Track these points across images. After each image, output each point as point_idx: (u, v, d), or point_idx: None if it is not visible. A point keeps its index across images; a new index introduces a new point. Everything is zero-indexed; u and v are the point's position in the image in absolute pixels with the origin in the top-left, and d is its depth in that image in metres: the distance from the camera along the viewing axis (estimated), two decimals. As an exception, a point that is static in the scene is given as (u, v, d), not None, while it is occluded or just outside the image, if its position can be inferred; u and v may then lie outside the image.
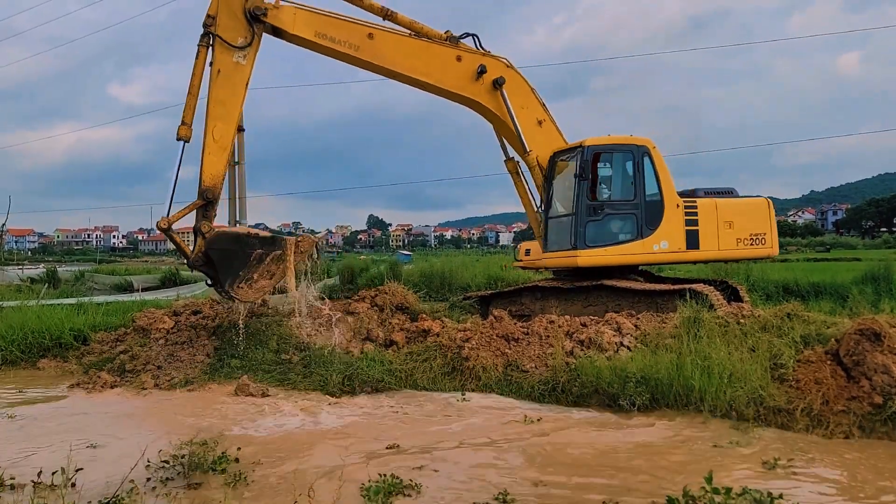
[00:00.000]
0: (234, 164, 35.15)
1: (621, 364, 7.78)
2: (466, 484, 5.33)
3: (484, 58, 11.56)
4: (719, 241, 11.44)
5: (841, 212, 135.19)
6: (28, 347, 11.80)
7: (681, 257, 11.53)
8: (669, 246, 11.13)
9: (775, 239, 11.78)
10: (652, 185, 11.27)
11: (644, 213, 11.18)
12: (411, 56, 11.11)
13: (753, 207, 11.79)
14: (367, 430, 7.05)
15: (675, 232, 11.18)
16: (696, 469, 5.42)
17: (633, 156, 11.33)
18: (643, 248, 11.11)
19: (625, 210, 11.31)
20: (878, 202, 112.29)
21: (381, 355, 9.60)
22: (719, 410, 6.90)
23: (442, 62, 11.29)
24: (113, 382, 9.72)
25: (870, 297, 12.03)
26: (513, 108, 11.51)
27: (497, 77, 11.41)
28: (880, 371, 6.80)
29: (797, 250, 57.83)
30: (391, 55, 11.01)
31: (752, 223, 11.61)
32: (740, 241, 11.51)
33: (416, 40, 11.19)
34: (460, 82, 11.36)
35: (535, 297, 11.84)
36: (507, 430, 6.91)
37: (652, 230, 11.14)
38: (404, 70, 11.11)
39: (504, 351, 9.08)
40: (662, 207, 11.19)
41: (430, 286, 16.62)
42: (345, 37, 10.75)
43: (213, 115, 10.01)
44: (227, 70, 10.12)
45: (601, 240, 11.16)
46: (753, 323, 8.40)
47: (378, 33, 10.95)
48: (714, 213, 11.48)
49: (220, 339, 10.56)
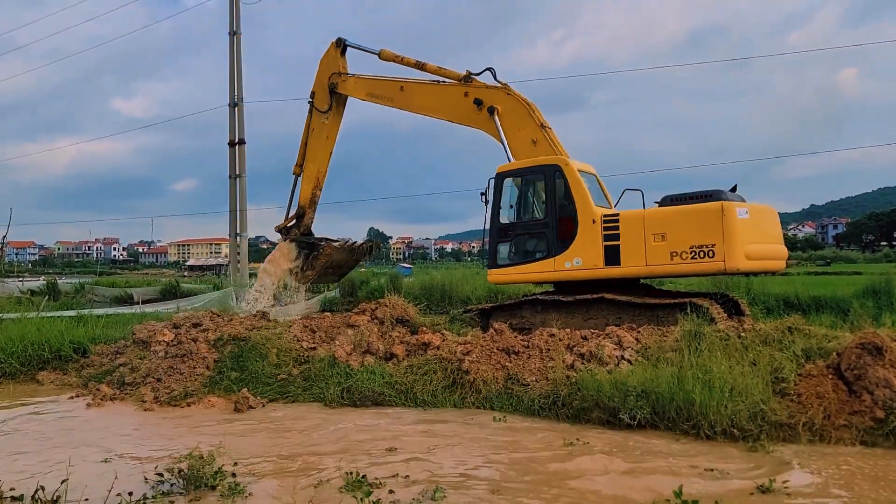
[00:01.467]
0: (235, 176, 35.04)
1: (622, 377, 7.75)
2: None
3: (484, 90, 12.85)
4: (647, 255, 10.46)
5: (841, 225, 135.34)
6: (27, 360, 11.78)
7: (597, 274, 10.94)
8: (583, 263, 10.97)
9: (733, 251, 9.83)
10: (565, 204, 11.29)
11: (555, 232, 11.29)
12: (429, 99, 13.75)
13: (698, 216, 10.18)
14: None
15: (590, 248, 10.92)
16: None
17: (545, 176, 11.59)
18: (555, 266, 11.22)
19: (535, 230, 11.67)
20: (879, 216, 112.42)
21: (381, 368, 9.58)
22: (720, 425, 6.86)
23: (453, 100, 13.27)
24: (112, 395, 9.69)
25: (871, 310, 11.99)
26: (506, 131, 12.46)
27: (489, 106, 12.61)
28: (882, 385, 6.78)
29: (798, 264, 57.80)
30: (416, 101, 13.97)
31: (694, 234, 10.09)
32: (676, 254, 10.22)
33: (433, 85, 13.74)
34: (465, 115, 13.10)
35: (535, 310, 11.82)
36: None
37: (564, 248, 11.15)
38: (423, 111, 13.98)
39: (504, 364, 9.05)
40: (576, 224, 11.11)
41: (431, 299, 16.63)
42: (385, 92, 14.32)
43: (308, 158, 15.52)
44: (317, 128, 15.39)
45: (512, 259, 11.86)
46: (754, 336, 8.38)
47: (406, 85, 14.10)
48: (640, 226, 10.58)
49: (220, 351, 10.54)
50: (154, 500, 5.23)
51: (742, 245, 9.89)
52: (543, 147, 12.07)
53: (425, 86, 13.87)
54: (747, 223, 10.07)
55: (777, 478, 5.52)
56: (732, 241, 9.81)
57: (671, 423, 7.15)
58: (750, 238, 10.07)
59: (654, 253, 10.42)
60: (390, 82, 14.32)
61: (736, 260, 9.84)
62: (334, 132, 15.40)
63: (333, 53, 15.10)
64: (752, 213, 10.22)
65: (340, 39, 15.06)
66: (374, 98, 14.47)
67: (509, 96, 12.56)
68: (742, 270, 10.15)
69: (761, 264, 10.60)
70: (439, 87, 13.60)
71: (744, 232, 9.95)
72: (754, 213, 10.32)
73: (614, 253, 10.70)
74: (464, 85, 13.13)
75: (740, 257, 9.87)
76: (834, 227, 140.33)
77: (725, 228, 9.84)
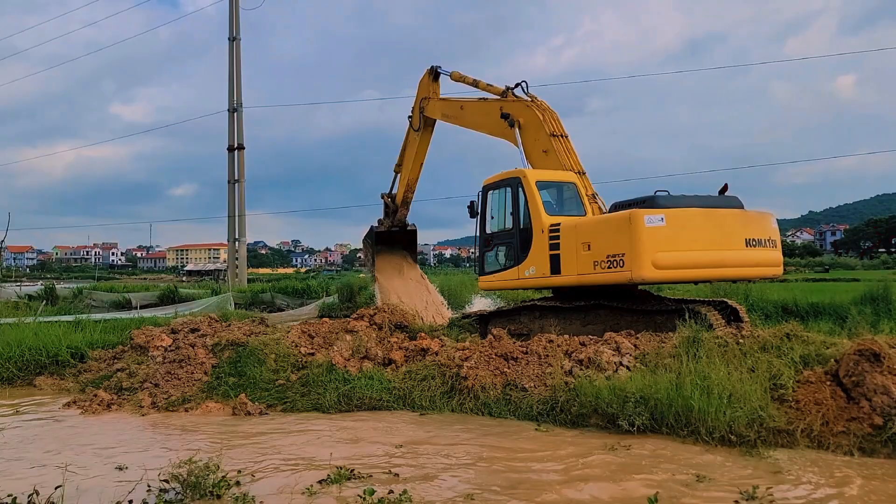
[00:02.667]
0: (234, 182, 35.19)
1: (620, 384, 7.75)
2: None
3: (513, 104, 13.43)
4: (578, 264, 10.42)
5: (839, 232, 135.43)
6: (25, 365, 11.75)
7: (545, 283, 11.21)
8: (536, 271, 11.19)
9: (640, 260, 9.51)
10: (525, 214, 11.51)
11: (518, 241, 11.60)
12: (477, 116, 14.56)
13: (612, 225, 10.06)
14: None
15: (540, 257, 11.12)
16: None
17: (511, 188, 11.85)
18: (517, 275, 11.56)
19: (505, 239, 12.07)
20: (877, 223, 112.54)
21: (379, 374, 9.57)
22: (718, 431, 6.86)
23: (492, 115, 13.85)
24: (110, 400, 9.67)
25: (869, 317, 12.00)
26: (525, 143, 12.94)
27: (511, 119, 13.12)
28: (880, 392, 6.78)
29: (796, 270, 57.84)
30: (469, 118, 14.92)
31: (610, 243, 9.93)
32: (597, 263, 10.10)
33: (480, 103, 14.52)
34: (500, 129, 13.66)
35: (533, 316, 11.82)
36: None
37: (524, 256, 11.43)
38: (477, 128, 14.64)
39: (503, 370, 9.04)
40: (531, 234, 11.33)
41: (429, 305, 16.60)
42: (451, 112, 15.50)
43: (404, 165, 17.36)
44: (411, 141, 16.96)
45: (492, 267, 12.42)
46: (753, 343, 8.38)
47: (465, 104, 15.11)
48: (574, 235, 10.56)
49: (218, 357, 10.53)
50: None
51: (650, 254, 9.50)
52: (553, 157, 12.31)
53: (476, 104, 14.73)
54: (662, 231, 9.59)
55: (761, 485, 5.51)
56: (638, 250, 9.51)
57: (670, 429, 7.15)
58: (664, 246, 9.58)
59: (582, 262, 10.36)
60: (454, 103, 15.51)
61: (642, 269, 9.52)
62: (424, 147, 16.87)
63: (426, 79, 16.32)
64: (675, 219, 9.70)
65: (434, 67, 16.23)
66: (447, 118, 15.64)
67: (528, 108, 12.97)
68: (649, 279, 9.73)
69: (684, 273, 10.17)
70: (483, 104, 14.37)
71: (654, 240, 9.53)
72: (680, 220, 9.76)
73: (556, 262, 10.88)
74: (501, 100, 13.74)
75: (647, 266, 9.52)
76: (832, 233, 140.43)
77: (632, 237, 9.58)
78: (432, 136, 16.99)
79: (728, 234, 10.08)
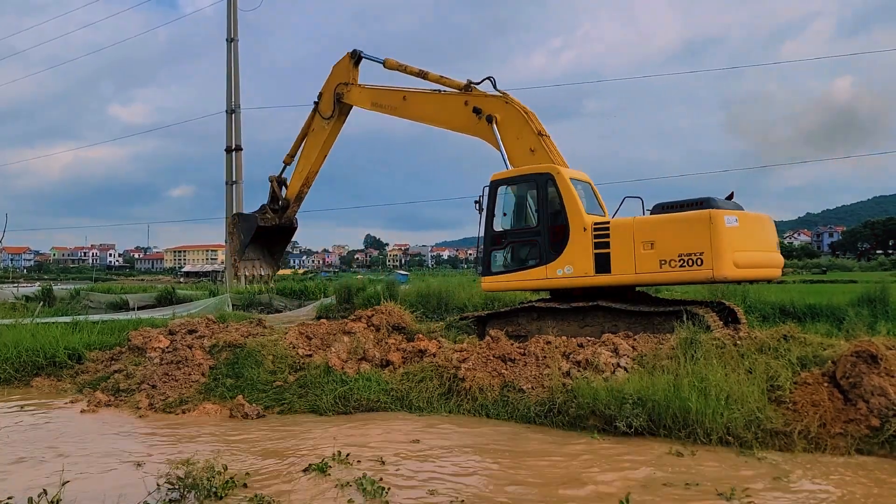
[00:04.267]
0: (232, 183, 35.13)
1: (618, 385, 7.75)
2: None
3: (484, 99, 12.90)
4: (636, 263, 10.43)
5: (837, 234, 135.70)
6: (22, 366, 11.73)
7: (587, 282, 10.92)
8: (574, 271, 10.97)
9: (722, 259, 9.78)
10: (557, 212, 11.32)
11: (547, 239, 11.32)
12: (430, 108, 13.89)
13: (687, 224, 10.14)
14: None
15: (581, 256, 10.92)
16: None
17: (537, 184, 11.58)
18: (546, 274, 11.23)
19: (527, 237, 11.67)
20: (874, 224, 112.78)
21: (377, 375, 9.56)
22: (716, 433, 6.86)
23: (453, 109, 13.36)
24: (107, 402, 9.66)
25: (866, 319, 12.02)
26: (505, 140, 12.52)
27: (488, 115, 12.66)
28: (877, 393, 6.79)
29: (793, 272, 57.88)
30: (417, 110, 14.12)
31: (684, 242, 10.06)
32: (665, 262, 10.19)
33: (435, 95, 13.81)
34: (467, 124, 13.10)
35: (531, 318, 11.82)
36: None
37: (556, 255, 11.16)
38: (425, 120, 14.11)
39: (501, 371, 9.04)
40: (567, 232, 11.13)
41: (427, 306, 16.63)
42: (388, 101, 14.46)
43: (303, 155, 16.10)
44: (316, 129, 15.82)
45: (505, 267, 11.90)
46: (750, 344, 8.39)
47: (409, 95, 14.22)
48: (629, 234, 10.57)
49: (216, 358, 10.51)
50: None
51: (730, 253, 9.82)
52: (540, 155, 12.06)
53: (427, 95, 13.98)
54: (736, 231, 9.99)
55: (737, 486, 5.51)
56: (720, 250, 9.77)
57: (667, 430, 7.15)
58: (739, 246, 9.99)
59: (643, 261, 10.39)
60: (393, 92, 14.45)
61: (724, 268, 9.78)
62: (332, 138, 15.71)
63: (346, 64, 15.26)
64: (742, 220, 10.13)
65: (356, 51, 15.18)
66: (378, 107, 14.65)
67: (508, 105, 12.59)
68: (730, 279, 10.09)
69: (752, 272, 10.52)
70: (440, 97, 13.71)
71: (732, 240, 9.89)
72: (745, 221, 10.24)
73: (605, 261, 10.72)
74: (464, 94, 13.20)
75: (729, 265, 9.81)
76: (829, 235, 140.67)
77: (713, 236, 9.79)
78: (344, 125, 15.90)
79: (768, 238, 11.05)
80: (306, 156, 15.90)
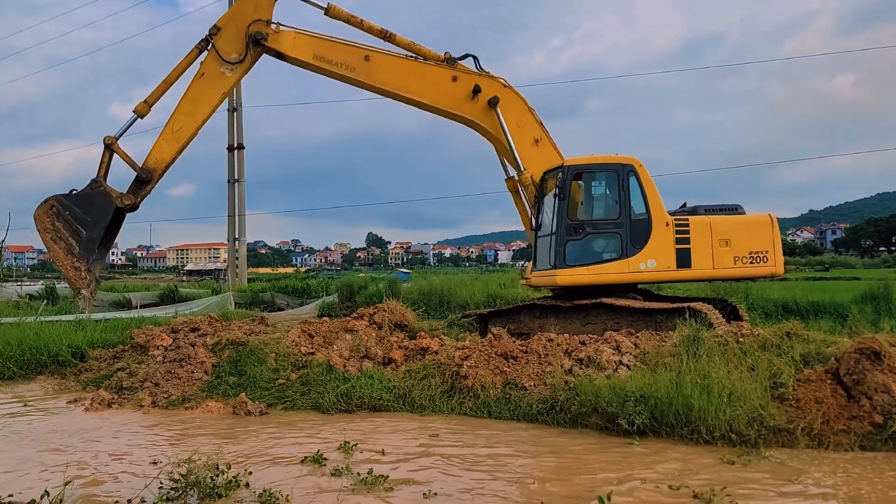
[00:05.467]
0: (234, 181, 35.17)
1: (620, 383, 7.74)
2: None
3: (480, 78, 11.53)
4: (714, 259, 11.11)
5: (840, 231, 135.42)
6: (25, 364, 11.76)
7: (670, 276, 11.23)
8: (658, 265, 11.03)
9: (779, 257, 11.24)
10: (639, 204, 11.23)
11: (629, 232, 11.16)
12: (405, 77, 11.39)
13: (754, 225, 11.32)
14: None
15: (664, 251, 11.06)
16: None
17: (618, 175, 11.32)
18: (629, 268, 11.09)
19: (608, 229, 11.34)
20: (877, 221, 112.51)
21: (379, 373, 9.56)
22: (718, 430, 6.85)
23: (435, 82, 11.43)
24: (110, 400, 9.67)
25: (869, 316, 12.01)
26: (508, 127, 11.52)
27: (491, 97, 11.40)
28: (880, 390, 6.78)
29: (796, 269, 57.81)
30: (385, 76, 11.28)
31: (753, 241, 11.17)
32: (738, 259, 11.10)
33: (410, 61, 11.39)
34: (455, 102, 11.45)
35: (533, 316, 11.82)
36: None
37: (638, 249, 11.10)
38: (397, 89, 11.40)
39: (503, 369, 9.04)
40: (650, 226, 11.12)
41: (429, 304, 16.65)
42: (342, 58, 11.15)
43: (182, 109, 11.25)
44: (210, 75, 11.26)
45: (582, 259, 11.28)
46: (753, 342, 8.38)
47: (374, 55, 11.22)
48: (708, 231, 11.18)
49: (218, 356, 10.53)
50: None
51: (781, 251, 11.34)
52: (545, 146, 11.77)
53: (401, 60, 11.48)
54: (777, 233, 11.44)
55: (717, 486, 5.50)
56: (779, 248, 11.28)
57: (670, 428, 7.14)
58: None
59: (720, 257, 11.15)
60: (351, 47, 11.27)
61: (780, 265, 11.33)
62: (231, 88, 11.85)
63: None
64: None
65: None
66: (323, 63, 11.22)
67: (506, 88, 11.62)
68: (782, 274, 11.64)
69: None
70: (420, 65, 11.50)
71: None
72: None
73: (686, 256, 11.06)
74: (449, 67, 11.52)
75: (782, 262, 11.35)
76: (832, 232, 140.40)
77: (775, 237, 11.25)
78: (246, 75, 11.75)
79: None
80: (189, 110, 11.33)
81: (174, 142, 11.46)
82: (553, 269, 11.30)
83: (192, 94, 11.33)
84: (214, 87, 11.35)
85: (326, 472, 6.10)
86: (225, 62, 11.25)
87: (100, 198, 11.93)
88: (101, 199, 11.88)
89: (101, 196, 11.92)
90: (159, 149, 11.58)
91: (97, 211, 11.92)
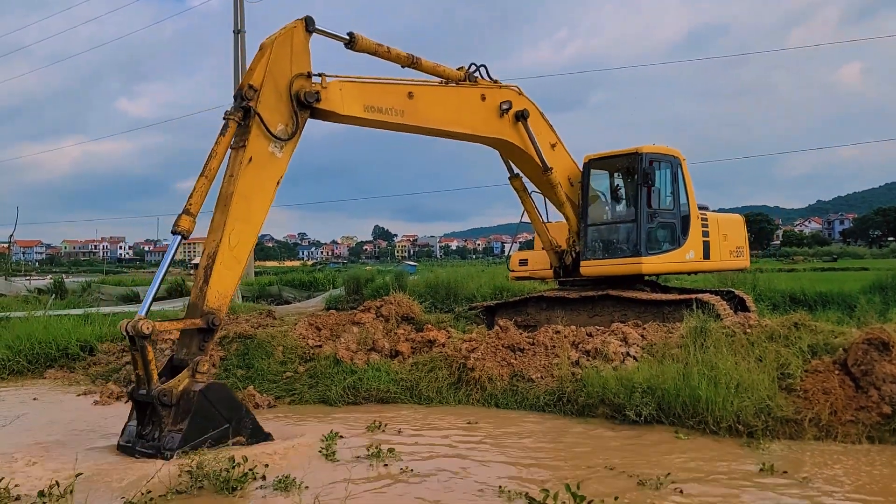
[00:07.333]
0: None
1: (627, 374, 7.75)
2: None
3: (501, 90, 10.82)
4: (721, 251, 12.04)
5: (848, 221, 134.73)
6: (35, 358, 11.84)
7: (699, 267, 12.10)
8: (695, 256, 11.52)
9: (748, 253, 12.93)
10: (683, 196, 11.67)
11: (680, 223, 11.56)
12: (446, 108, 10.07)
13: (735, 223, 12.74)
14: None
15: (697, 243, 11.61)
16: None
17: (671, 166, 11.57)
18: (679, 258, 11.49)
19: (668, 219, 11.58)
20: (886, 211, 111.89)
21: (386, 366, 9.59)
22: (726, 421, 6.84)
23: (472, 106, 10.39)
24: (119, 393, 9.73)
25: (878, 306, 11.96)
26: (536, 138, 11.06)
27: (521, 110, 10.79)
28: (889, 381, 6.76)
29: (804, 260, 57.56)
30: (431, 112, 9.82)
31: (736, 237, 12.55)
32: (731, 252, 12.29)
33: (447, 88, 10.23)
34: (490, 124, 10.52)
35: (540, 308, 11.83)
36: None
37: (685, 240, 11.50)
38: (444, 125, 10.07)
39: (510, 361, 9.06)
40: (689, 218, 11.56)
41: (436, 297, 16.61)
42: (391, 103, 9.26)
43: (235, 213, 7.50)
44: (260, 159, 7.71)
45: (654, 248, 11.36)
46: (760, 333, 8.36)
47: (416, 90, 9.65)
48: (717, 226, 12.09)
49: (226, 349, 10.57)
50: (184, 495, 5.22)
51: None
52: (560, 150, 11.75)
53: (439, 89, 10.13)
54: None
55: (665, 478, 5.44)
56: (748, 245, 12.58)
57: (677, 419, 7.15)
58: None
59: (724, 250, 12.06)
60: (396, 86, 9.44)
61: (749, 260, 12.60)
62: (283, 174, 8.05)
63: (301, 39, 8.08)
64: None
65: (310, 18, 8.22)
66: (373, 114, 9.02)
67: (522, 97, 11.12)
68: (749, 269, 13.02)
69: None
70: (454, 91, 10.27)
71: None
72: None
73: (707, 248, 11.64)
74: (473, 86, 10.53)
75: (749, 258, 12.64)
76: (840, 222, 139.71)
77: (745, 235, 12.45)
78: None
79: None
80: (243, 214, 7.61)
81: (236, 264, 7.66)
82: (635, 256, 11.02)
83: (243, 190, 7.58)
84: (268, 173, 7.85)
85: (341, 460, 6.16)
86: (274, 138, 7.79)
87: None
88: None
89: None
90: (219, 279, 7.45)
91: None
